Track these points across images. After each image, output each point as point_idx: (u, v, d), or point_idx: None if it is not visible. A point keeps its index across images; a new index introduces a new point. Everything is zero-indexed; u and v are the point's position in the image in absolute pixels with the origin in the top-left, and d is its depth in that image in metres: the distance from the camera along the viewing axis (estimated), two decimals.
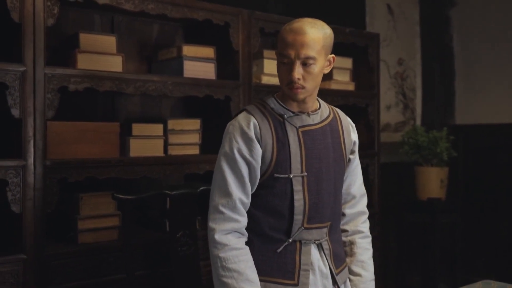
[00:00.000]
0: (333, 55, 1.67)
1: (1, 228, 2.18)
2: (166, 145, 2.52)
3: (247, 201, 1.63)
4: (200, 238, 2.35)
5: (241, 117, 1.65)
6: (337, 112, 1.79)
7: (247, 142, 1.60)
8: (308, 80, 1.59)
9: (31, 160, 2.04)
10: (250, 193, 1.63)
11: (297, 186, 1.62)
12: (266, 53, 2.90)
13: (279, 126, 1.63)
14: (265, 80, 2.84)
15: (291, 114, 1.65)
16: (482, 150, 4.04)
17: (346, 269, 1.77)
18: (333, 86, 3.11)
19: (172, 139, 2.54)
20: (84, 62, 2.26)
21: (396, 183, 3.89)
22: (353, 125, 1.82)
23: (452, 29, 4.35)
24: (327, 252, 1.68)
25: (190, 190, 2.22)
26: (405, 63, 4.17)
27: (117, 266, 2.24)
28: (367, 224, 1.86)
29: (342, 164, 1.73)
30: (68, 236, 2.29)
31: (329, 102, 3.06)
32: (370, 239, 1.84)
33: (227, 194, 1.60)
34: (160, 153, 2.48)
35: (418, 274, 3.92)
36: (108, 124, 2.38)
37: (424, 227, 3.70)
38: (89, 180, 2.25)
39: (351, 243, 1.81)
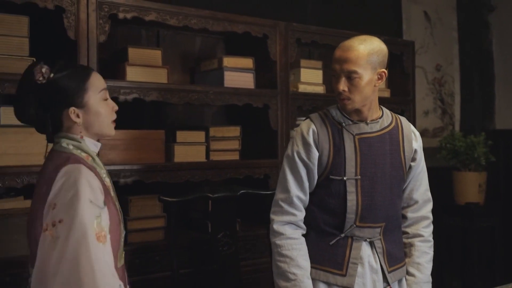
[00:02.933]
0: (383, 69, 1.80)
1: None
2: (208, 151, 2.66)
3: (305, 198, 1.83)
4: (240, 239, 2.48)
5: (304, 124, 1.86)
6: (400, 121, 1.91)
7: (306, 146, 1.81)
8: (354, 92, 1.75)
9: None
10: (307, 191, 1.83)
11: (351, 188, 1.79)
12: (303, 62, 3.01)
13: (337, 133, 1.81)
14: (302, 88, 2.95)
15: (350, 123, 1.83)
16: None
17: (403, 268, 1.89)
18: None
19: (214, 145, 2.68)
20: (133, 74, 2.44)
21: (434, 188, 3.86)
22: (417, 133, 1.93)
23: (491, 34, 4.34)
24: (379, 250, 1.83)
25: (231, 193, 2.34)
26: (443, 68, 4.19)
27: (163, 265, 2.38)
28: (430, 229, 1.95)
29: (401, 171, 1.86)
30: None
31: None
32: (430, 243, 1.94)
33: (286, 190, 1.82)
34: (202, 158, 2.62)
35: (457, 278, 3.93)
36: (154, 132, 2.55)
37: (462, 231, 3.71)
38: (137, 183, 2.41)
39: (411, 245, 1.92)
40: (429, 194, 1.96)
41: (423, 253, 1.91)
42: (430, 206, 1.97)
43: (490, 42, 4.35)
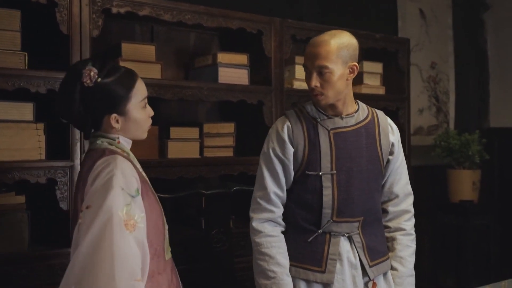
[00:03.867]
0: (355, 63, 1.78)
1: (51, 225, 2.36)
2: (202, 147, 2.65)
3: (282, 194, 1.82)
4: (234, 236, 2.47)
5: (279, 121, 1.87)
6: (376, 114, 1.90)
7: (280, 143, 1.81)
8: (326, 88, 1.74)
9: (77, 161, 2.20)
10: (284, 187, 1.82)
11: (326, 183, 1.78)
12: (298, 59, 3.00)
13: (312, 128, 1.81)
14: (297, 85, 2.94)
15: (324, 118, 1.82)
16: None
17: (387, 262, 1.87)
18: (364, 90, 3.19)
19: (208, 141, 2.67)
20: None
21: (429, 185, 3.91)
22: (394, 126, 1.92)
23: (486, 32, 4.34)
24: (358, 245, 1.81)
25: (225, 190, 2.34)
26: (438, 66, 4.19)
27: None
28: (411, 222, 1.93)
29: (378, 164, 1.85)
30: None
31: None
32: (412, 237, 1.92)
33: (263, 187, 1.82)
34: (196, 155, 2.61)
35: (452, 275, 3.93)
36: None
37: (457, 229, 3.71)
38: None
39: (393, 239, 1.91)
40: (409, 188, 1.94)
41: (405, 247, 1.89)
42: (411, 199, 1.94)
43: (485, 40, 4.36)
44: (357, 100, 1.89)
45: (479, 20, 4.35)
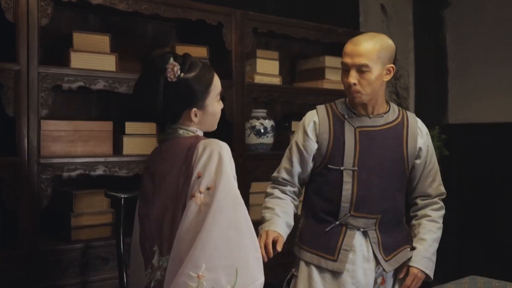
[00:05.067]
0: (392, 64, 1.87)
1: None
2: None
3: (291, 181, 1.97)
4: None
5: (308, 115, 1.98)
6: (407, 117, 1.96)
7: (304, 136, 1.94)
8: (364, 86, 1.82)
9: (25, 158, 2.07)
10: (296, 176, 1.96)
11: (347, 178, 1.87)
12: (259, 52, 2.93)
13: (339, 125, 1.90)
14: (258, 79, 2.87)
15: (353, 115, 1.91)
16: (476, 149, 4.08)
17: (405, 251, 1.94)
18: (326, 85, 3.14)
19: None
20: (78, 61, 2.29)
21: None
22: (424, 130, 1.98)
23: (445, 29, 4.38)
24: (373, 240, 1.90)
25: None
26: (399, 62, 4.19)
27: (110, 264, 2.27)
28: (439, 212, 1.99)
29: (402, 166, 1.91)
30: (62, 233, 2.32)
31: (322, 101, 3.10)
32: (438, 225, 1.97)
33: (278, 171, 2.00)
34: None
35: None
36: (101, 123, 2.41)
37: None
38: (83, 177, 2.28)
39: (418, 225, 1.98)
40: (442, 189, 2.01)
41: (429, 231, 1.95)
42: (442, 195, 2.01)
43: (444, 37, 4.39)
44: (389, 101, 1.97)
45: (439, 16, 4.38)
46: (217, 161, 1.49)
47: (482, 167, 4.01)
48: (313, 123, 1.92)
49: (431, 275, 1.94)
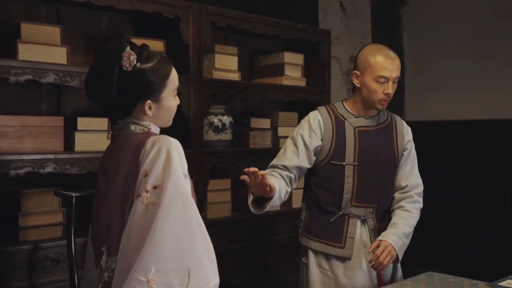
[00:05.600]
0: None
1: None
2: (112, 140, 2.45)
3: (291, 169, 2.11)
4: None
5: (311, 114, 2.18)
6: (394, 118, 2.24)
7: (310, 131, 2.12)
8: (391, 95, 2.10)
9: None
10: (296, 166, 2.11)
11: (348, 172, 2.10)
12: (218, 47, 2.88)
13: (340, 125, 2.12)
14: (216, 75, 2.82)
15: (352, 116, 2.14)
16: (431, 146, 4.14)
17: None
18: (285, 81, 3.12)
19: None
20: (26, 53, 2.18)
21: None
22: (409, 129, 2.26)
23: (402, 27, 4.44)
24: (371, 227, 2.14)
25: None
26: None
27: (61, 265, 2.19)
28: (414, 205, 2.18)
29: (394, 161, 2.17)
30: (9, 233, 2.21)
31: (281, 97, 3.09)
32: (410, 214, 2.15)
33: (279, 159, 2.14)
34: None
35: None
36: (51, 118, 2.31)
37: None
38: (31, 175, 2.18)
39: (393, 215, 2.17)
40: (418, 180, 2.23)
41: (401, 218, 2.12)
42: (419, 189, 2.22)
43: (401, 36, 4.45)
44: None
45: (396, 15, 4.44)
46: (165, 159, 1.43)
47: (437, 164, 4.08)
48: (318, 122, 2.13)
49: (400, 255, 2.08)
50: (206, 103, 2.71)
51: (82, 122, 2.37)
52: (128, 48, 1.50)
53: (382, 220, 2.15)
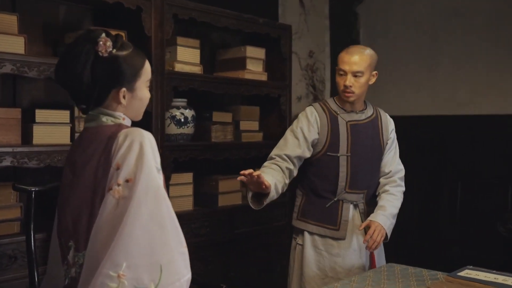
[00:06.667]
0: (375, 71, 2.38)
1: None
2: (73, 132, 2.39)
3: (292, 159, 2.30)
4: None
5: (308, 109, 2.39)
6: (379, 112, 2.47)
7: (308, 124, 2.33)
8: (356, 88, 2.28)
9: None
10: (297, 156, 2.30)
11: (343, 162, 2.33)
12: (180, 40, 2.85)
13: (333, 119, 2.34)
14: (179, 67, 2.79)
15: (343, 112, 2.36)
16: None
17: None
18: (246, 75, 3.12)
19: (79, 126, 2.42)
20: None
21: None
22: (391, 121, 2.50)
23: (359, 24, 4.52)
24: (361, 211, 2.40)
25: None
26: (315, 55, 4.28)
27: (19, 262, 2.12)
28: (397, 188, 2.43)
29: (380, 150, 2.42)
30: None
31: (242, 91, 3.09)
32: (394, 196, 2.39)
33: (281, 149, 2.33)
34: (66, 140, 2.35)
35: None
36: (8, 110, 2.23)
37: None
38: None
39: (379, 199, 2.41)
40: (400, 166, 2.48)
41: (386, 200, 2.36)
42: (401, 173, 2.47)
43: (358, 32, 4.53)
44: (365, 100, 2.44)
45: (353, 12, 4.51)
46: (138, 152, 1.41)
47: None
48: (314, 117, 2.33)
49: (389, 233, 2.31)
50: (168, 97, 2.68)
51: (41, 114, 2.29)
52: (104, 34, 1.48)
53: (371, 204, 2.41)
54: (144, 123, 2.57)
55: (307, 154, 2.33)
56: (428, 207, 4.06)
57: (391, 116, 2.52)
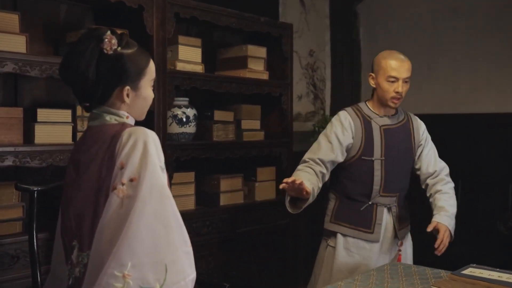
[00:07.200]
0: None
1: None
2: (74, 132, 2.39)
3: (325, 164, 2.33)
4: None
5: (342, 114, 2.41)
6: (410, 116, 2.52)
7: (343, 129, 2.36)
8: (404, 93, 2.35)
9: None
10: (330, 161, 2.33)
11: (377, 166, 2.36)
12: (181, 39, 2.84)
13: (367, 124, 2.37)
14: (180, 66, 2.79)
15: (377, 116, 2.40)
16: None
17: (408, 228, 2.52)
18: (248, 74, 3.12)
19: (81, 125, 2.41)
20: None
21: None
22: (422, 124, 2.52)
23: (359, 23, 4.52)
24: (394, 214, 2.43)
25: None
26: (316, 54, 4.27)
27: (21, 262, 2.11)
28: (448, 185, 2.45)
29: (411, 154, 2.46)
30: None
31: (244, 90, 3.08)
32: (447, 195, 2.42)
33: (314, 153, 2.36)
34: (68, 140, 2.35)
35: None
36: (10, 109, 2.22)
37: None
38: None
39: (434, 199, 2.43)
40: (442, 164, 2.50)
41: (444, 200, 2.38)
42: (446, 170, 2.50)
43: (358, 31, 4.53)
44: None
45: (353, 11, 4.51)
46: (142, 151, 1.41)
47: None
48: (349, 122, 2.36)
49: (453, 233, 2.34)
50: (170, 95, 2.67)
51: (42, 114, 2.28)
52: (109, 32, 1.48)
53: (402, 206, 2.46)
54: (146, 122, 2.56)
55: (340, 159, 2.36)
56: (428, 205, 4.05)
57: None
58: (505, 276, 1.85)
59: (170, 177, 2.66)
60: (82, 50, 1.47)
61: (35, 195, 1.92)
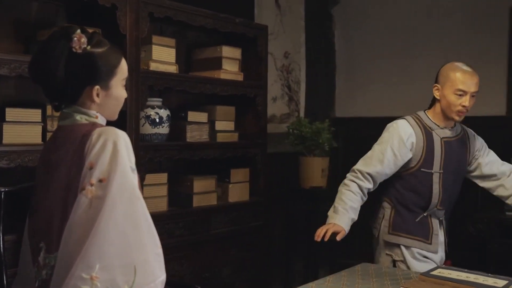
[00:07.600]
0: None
1: None
2: (44, 132, 2.35)
3: (374, 178, 2.33)
4: None
5: (401, 125, 2.37)
6: (466, 129, 2.50)
7: (401, 144, 2.32)
8: (470, 107, 2.31)
9: None
10: (380, 176, 2.33)
11: (436, 179, 2.35)
12: (155, 39, 2.82)
13: (429, 135, 2.35)
14: (154, 66, 2.76)
15: (438, 128, 2.38)
16: (359, 142, 4.28)
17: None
18: (222, 75, 3.11)
19: (51, 125, 2.37)
20: None
21: (282, 172, 3.99)
22: (478, 137, 2.51)
23: (334, 25, 4.56)
24: (444, 227, 2.46)
25: None
26: (291, 56, 4.29)
27: None
28: None
29: (465, 166, 2.46)
30: None
31: (218, 91, 3.07)
32: None
33: (366, 165, 2.34)
34: (38, 140, 2.30)
35: (301, 260, 4.08)
36: None
37: (307, 214, 3.84)
38: None
39: None
40: (506, 165, 2.46)
41: None
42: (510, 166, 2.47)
43: (333, 34, 4.56)
44: None
45: (328, 13, 4.54)
46: (112, 151, 1.40)
47: None
48: (409, 134, 2.33)
49: None
50: (144, 96, 2.65)
51: (11, 113, 2.24)
52: (79, 31, 1.46)
53: (447, 219, 2.49)
54: (118, 122, 2.53)
55: (390, 173, 2.35)
56: None
57: (367, 118, 2.54)
58: (472, 277, 1.88)
59: (142, 179, 2.64)
60: (51, 48, 1.45)
61: (2, 196, 1.89)
